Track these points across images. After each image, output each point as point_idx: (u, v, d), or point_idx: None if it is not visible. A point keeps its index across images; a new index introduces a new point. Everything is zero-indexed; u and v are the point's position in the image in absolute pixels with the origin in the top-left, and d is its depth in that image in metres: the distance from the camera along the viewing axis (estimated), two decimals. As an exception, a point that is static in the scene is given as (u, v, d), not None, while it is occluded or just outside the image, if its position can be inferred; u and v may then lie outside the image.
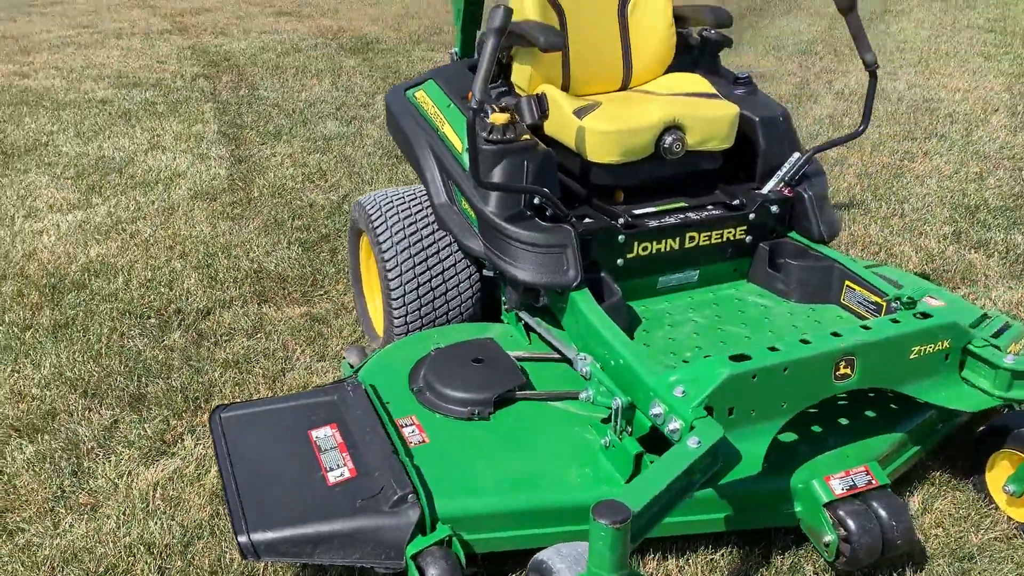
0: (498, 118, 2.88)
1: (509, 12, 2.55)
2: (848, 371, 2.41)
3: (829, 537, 2.35)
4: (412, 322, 3.24)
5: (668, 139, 2.97)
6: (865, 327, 2.46)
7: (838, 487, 2.41)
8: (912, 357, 2.49)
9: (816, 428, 2.67)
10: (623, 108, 3.11)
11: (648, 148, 2.98)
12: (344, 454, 2.55)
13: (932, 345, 2.51)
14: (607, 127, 2.93)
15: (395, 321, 3.24)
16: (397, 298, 3.20)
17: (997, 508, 2.71)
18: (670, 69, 3.46)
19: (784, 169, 3.17)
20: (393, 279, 3.20)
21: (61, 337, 3.65)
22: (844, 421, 2.70)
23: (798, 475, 2.47)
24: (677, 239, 3.01)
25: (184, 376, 3.39)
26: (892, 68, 8.47)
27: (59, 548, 2.56)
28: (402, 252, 3.21)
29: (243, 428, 2.69)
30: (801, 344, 2.36)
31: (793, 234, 3.18)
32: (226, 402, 2.96)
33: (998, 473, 2.71)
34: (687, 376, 2.31)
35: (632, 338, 2.85)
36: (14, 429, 3.09)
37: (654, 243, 2.98)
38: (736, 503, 2.45)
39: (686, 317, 2.96)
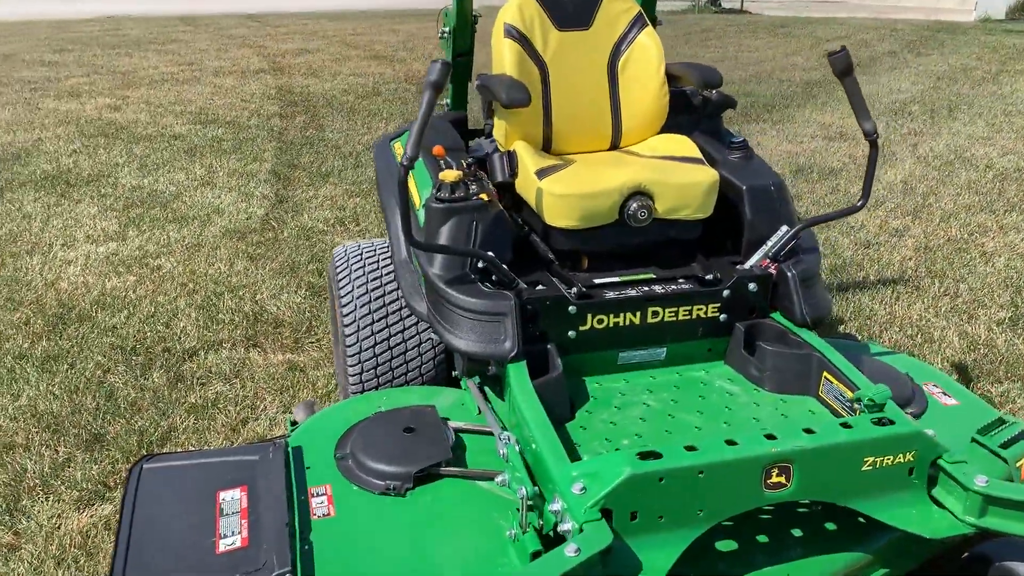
0: (448, 175, 2.75)
1: (447, 67, 2.42)
2: (783, 480, 2.12)
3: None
4: (368, 381, 3.11)
5: (633, 205, 2.76)
6: (808, 431, 2.17)
7: (765, 611, 2.12)
8: (865, 469, 2.18)
9: (762, 538, 2.37)
10: (589, 170, 2.92)
11: (611, 214, 2.78)
12: (243, 520, 2.42)
13: (891, 457, 2.19)
14: (564, 190, 2.75)
15: (350, 379, 3.11)
16: (352, 355, 3.08)
17: (978, 650, 2.33)
18: (668, 129, 3.25)
19: (770, 243, 2.90)
20: (350, 335, 3.08)
21: (47, 369, 3.71)
22: (797, 532, 2.39)
23: (724, 591, 2.19)
24: (638, 313, 2.77)
25: (148, 418, 3.37)
26: (989, 133, 7.90)
27: (-37, 589, 2.53)
28: (361, 307, 3.10)
29: (158, 482, 2.61)
30: (724, 445, 2.09)
31: (776, 315, 2.89)
32: (153, 452, 2.90)
33: (980, 609, 2.34)
34: (588, 471, 2.08)
35: (572, 418, 2.64)
36: (-32, 460, 3.12)
37: (611, 316, 2.75)
38: (651, 617, 2.18)
39: (639, 399, 2.71)
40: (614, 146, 3.26)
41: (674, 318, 2.81)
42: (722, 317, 2.85)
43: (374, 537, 2.34)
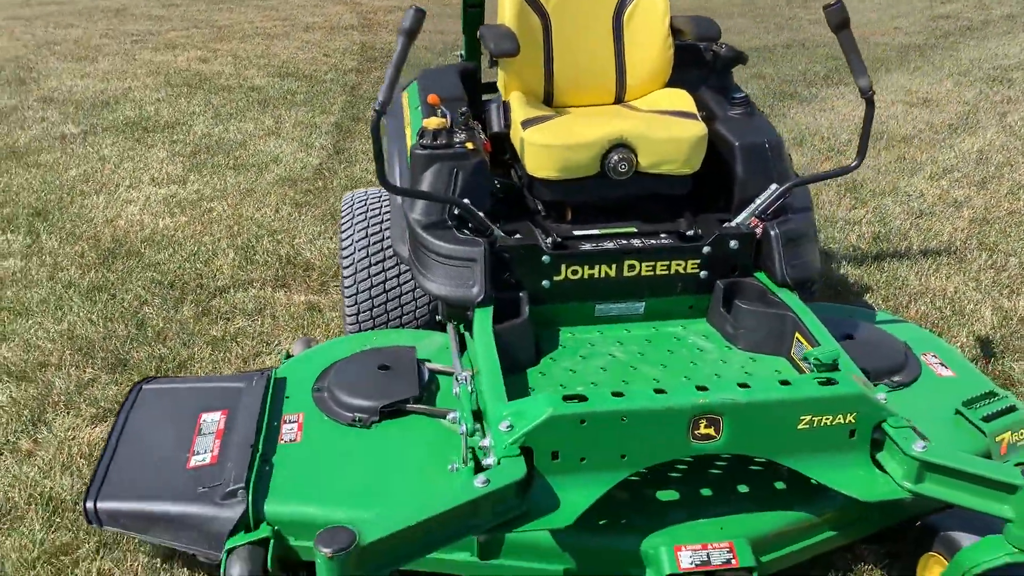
0: (430, 122, 2.81)
1: (421, 14, 2.47)
2: (712, 431, 2.13)
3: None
4: (364, 322, 3.23)
5: (614, 158, 2.77)
6: (743, 385, 2.16)
7: (687, 560, 2.15)
8: (801, 428, 2.15)
9: (706, 491, 2.38)
10: (576, 121, 2.93)
11: (592, 166, 2.79)
12: (217, 440, 2.59)
13: (831, 417, 2.15)
14: (545, 140, 2.78)
15: (347, 320, 3.24)
16: (349, 296, 3.20)
17: (924, 619, 2.30)
18: (677, 84, 3.22)
19: (758, 201, 2.86)
20: (347, 276, 3.21)
21: (91, 298, 3.98)
22: (744, 488, 2.39)
23: (653, 538, 2.22)
24: (613, 266, 2.78)
25: (170, 347, 3.59)
26: (1091, 100, 7.35)
27: (-20, 486, 2.80)
28: (360, 251, 3.21)
29: (151, 402, 2.82)
30: (652, 394, 2.11)
31: (760, 274, 2.85)
32: (154, 375, 3.11)
33: (928, 578, 2.30)
34: (516, 410, 2.15)
35: (536, 364, 2.69)
36: (6, 373, 3.41)
37: (585, 268, 2.77)
38: (580, 556, 2.24)
39: (606, 351, 2.74)
40: (618, 100, 3.25)
41: (651, 272, 2.81)
42: (702, 274, 2.83)
43: (333, 463, 2.47)
